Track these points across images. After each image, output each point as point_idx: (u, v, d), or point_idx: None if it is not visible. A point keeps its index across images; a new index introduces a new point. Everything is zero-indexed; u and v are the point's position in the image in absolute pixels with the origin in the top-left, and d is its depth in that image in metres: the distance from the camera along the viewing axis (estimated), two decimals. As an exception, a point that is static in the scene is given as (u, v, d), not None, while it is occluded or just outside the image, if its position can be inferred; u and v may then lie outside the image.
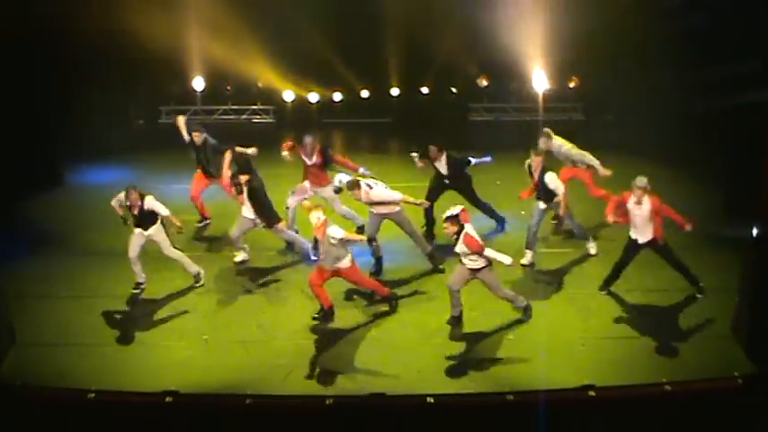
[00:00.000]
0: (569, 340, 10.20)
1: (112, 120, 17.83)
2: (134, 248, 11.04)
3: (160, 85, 19.69)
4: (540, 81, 19.73)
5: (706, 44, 15.39)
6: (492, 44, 18.35)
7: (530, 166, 11.80)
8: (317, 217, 10.28)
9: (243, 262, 12.00)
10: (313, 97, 20.01)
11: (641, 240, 10.80)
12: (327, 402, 8.70)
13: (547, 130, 12.92)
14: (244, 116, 20.27)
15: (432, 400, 8.67)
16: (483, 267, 10.13)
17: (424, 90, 20.06)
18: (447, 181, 12.66)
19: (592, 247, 12.18)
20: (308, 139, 12.40)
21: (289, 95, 19.89)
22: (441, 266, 11.82)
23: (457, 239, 10.02)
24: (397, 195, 11.27)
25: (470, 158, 12.59)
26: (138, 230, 11.02)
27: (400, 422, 8.59)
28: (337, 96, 20.05)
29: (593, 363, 9.74)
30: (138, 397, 8.83)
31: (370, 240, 11.61)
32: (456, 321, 10.49)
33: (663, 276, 11.48)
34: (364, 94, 19.97)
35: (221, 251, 12.43)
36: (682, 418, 8.61)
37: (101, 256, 12.09)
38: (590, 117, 20.10)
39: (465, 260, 10.16)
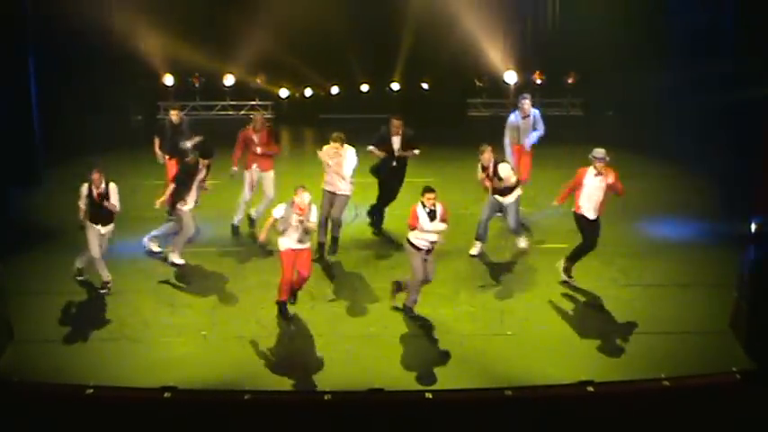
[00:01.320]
0: (568, 336, 10.21)
1: (111, 115, 17.83)
2: (94, 246, 10.87)
3: (158, 81, 19.71)
4: (538, 77, 19.80)
5: (706, 41, 15.41)
6: (491, 41, 18.41)
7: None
8: (307, 198, 10.27)
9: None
10: (307, 92, 20.04)
11: (592, 216, 10.87)
12: (326, 398, 8.69)
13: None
14: (242, 112, 20.28)
15: (430, 396, 8.69)
16: (434, 242, 10.29)
17: (425, 85, 20.09)
18: (395, 163, 12.63)
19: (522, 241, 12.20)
20: (257, 116, 12.74)
21: (283, 92, 19.93)
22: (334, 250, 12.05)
23: (434, 213, 10.14)
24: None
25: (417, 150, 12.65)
26: (95, 227, 10.83)
27: (399, 418, 8.58)
28: (335, 90, 20.06)
29: (592, 358, 9.75)
30: (136, 393, 8.82)
31: (324, 221, 11.84)
32: (411, 312, 10.54)
33: (661, 272, 11.50)
34: (364, 88, 19.99)
35: (217, 247, 12.42)
36: (680, 414, 8.61)
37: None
38: (589, 113, 20.13)
39: (426, 238, 10.19)
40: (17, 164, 14.21)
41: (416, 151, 12.65)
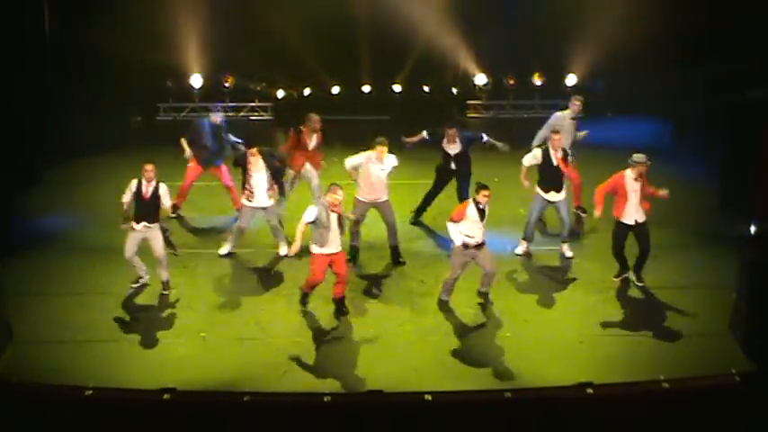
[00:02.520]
0: (567, 337, 10.21)
1: (110, 117, 17.81)
2: (130, 247, 10.82)
3: (158, 82, 19.69)
4: (537, 78, 19.80)
5: (704, 42, 15.41)
6: (490, 40, 18.39)
7: (546, 151, 11.78)
8: (339, 198, 10.20)
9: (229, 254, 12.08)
10: (306, 92, 20.10)
11: (633, 221, 10.94)
12: (325, 400, 8.68)
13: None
14: (241, 113, 20.24)
15: (429, 398, 8.66)
16: (482, 243, 10.46)
17: (426, 88, 20.13)
18: (454, 165, 12.69)
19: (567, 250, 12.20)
20: (314, 117, 12.69)
21: (280, 93, 19.98)
22: (401, 260, 11.96)
23: (484, 211, 10.37)
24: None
25: (483, 135, 12.73)
26: (137, 226, 10.75)
27: (398, 420, 8.58)
28: (335, 90, 20.08)
29: (591, 360, 9.75)
30: (135, 394, 8.81)
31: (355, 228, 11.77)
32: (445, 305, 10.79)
33: (660, 274, 11.50)
34: (366, 89, 20.04)
35: (217, 250, 12.41)
36: (679, 416, 8.61)
37: (98, 253, 12.06)
38: (589, 114, 20.11)
39: (470, 238, 10.35)
40: (16, 164, 14.20)
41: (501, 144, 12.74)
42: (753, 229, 9.86)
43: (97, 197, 13.76)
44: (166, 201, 10.89)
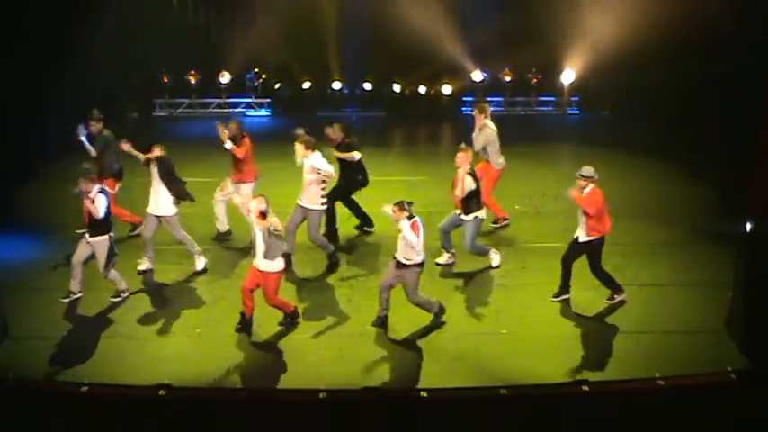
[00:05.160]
0: (562, 334, 10.22)
1: (106, 112, 17.81)
2: (78, 254, 10.58)
3: (155, 78, 19.72)
4: (534, 75, 19.84)
5: (701, 40, 15.45)
6: (486, 37, 18.43)
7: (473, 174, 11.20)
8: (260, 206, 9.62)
9: (147, 270, 11.48)
10: (305, 85, 20.14)
11: (581, 238, 10.47)
12: (321, 396, 8.68)
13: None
14: (238, 109, 20.26)
15: (425, 395, 8.68)
16: (410, 266, 9.86)
17: (422, 88, 20.21)
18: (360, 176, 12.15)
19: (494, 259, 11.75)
20: (232, 124, 11.87)
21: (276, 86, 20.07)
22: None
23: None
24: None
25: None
26: (86, 236, 10.55)
27: (394, 416, 8.58)
28: (337, 85, 20.15)
29: (587, 357, 9.76)
30: (131, 390, 8.81)
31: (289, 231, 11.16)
32: (381, 323, 10.22)
33: (657, 271, 11.52)
34: (367, 86, 20.14)
35: (214, 246, 12.41)
36: (675, 413, 8.62)
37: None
38: (586, 112, 20.16)
39: (399, 255, 9.88)
40: (13, 160, 14.20)
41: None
42: (749, 226, 9.85)
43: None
44: (96, 211, 10.35)
